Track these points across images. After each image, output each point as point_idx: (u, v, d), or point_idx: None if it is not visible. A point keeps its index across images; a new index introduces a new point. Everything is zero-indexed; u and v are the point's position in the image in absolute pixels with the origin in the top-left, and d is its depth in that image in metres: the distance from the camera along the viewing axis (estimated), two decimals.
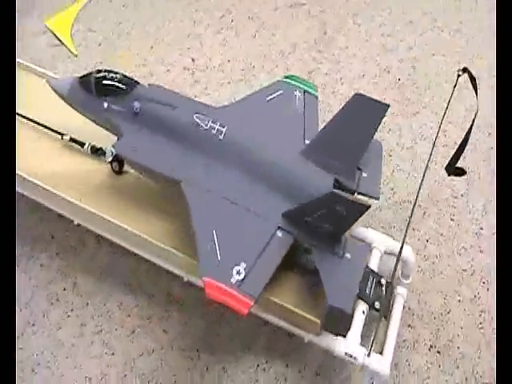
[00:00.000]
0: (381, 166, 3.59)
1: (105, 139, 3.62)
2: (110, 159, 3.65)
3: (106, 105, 3.36)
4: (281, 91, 3.67)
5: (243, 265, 2.95)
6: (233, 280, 2.90)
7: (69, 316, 3.78)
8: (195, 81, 4.87)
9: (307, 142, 3.47)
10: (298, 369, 3.59)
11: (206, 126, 3.30)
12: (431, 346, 3.69)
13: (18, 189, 3.67)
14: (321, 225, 3.12)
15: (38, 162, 3.70)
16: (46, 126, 3.81)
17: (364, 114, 3.30)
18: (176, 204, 3.39)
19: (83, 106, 3.42)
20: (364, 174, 3.45)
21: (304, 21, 5.33)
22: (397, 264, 3.11)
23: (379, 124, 3.36)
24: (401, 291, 3.57)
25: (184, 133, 3.30)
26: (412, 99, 4.90)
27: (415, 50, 5.24)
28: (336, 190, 3.08)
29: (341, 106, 3.38)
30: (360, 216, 3.03)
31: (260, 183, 3.25)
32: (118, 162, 3.65)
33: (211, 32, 5.21)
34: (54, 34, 5.02)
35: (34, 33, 5.02)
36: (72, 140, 3.76)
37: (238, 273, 2.94)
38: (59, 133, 3.78)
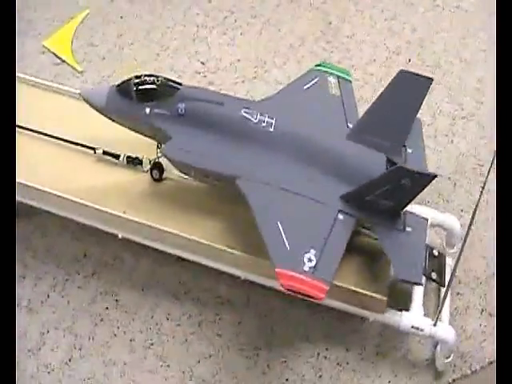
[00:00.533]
0: (423, 141, 3.65)
1: (136, 148, 3.68)
2: (148, 168, 3.65)
3: (148, 110, 3.35)
4: (316, 79, 3.75)
5: (313, 251, 3.05)
6: (306, 268, 3.00)
7: (115, 334, 3.75)
8: (209, 83, 4.84)
9: (350, 125, 3.54)
10: (357, 351, 3.68)
11: (256, 119, 3.35)
12: (482, 310, 3.81)
13: (49, 208, 3.68)
14: (382, 202, 3.21)
15: (72, 179, 3.66)
16: (77, 143, 3.75)
17: (409, 90, 3.38)
18: (224, 202, 3.50)
19: (123, 114, 3.40)
20: (409, 151, 3.51)
21: (307, 13, 5.34)
22: (466, 236, 3.21)
23: (424, 98, 3.42)
24: (448, 261, 3.64)
25: (234, 128, 3.33)
26: None
27: (420, 31, 5.33)
28: (402, 164, 3.18)
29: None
30: (425, 187, 3.10)
31: (314, 170, 3.32)
32: (158, 169, 3.64)
33: (217, 34, 5.18)
34: (54, 54, 4.96)
35: (32, 53, 4.96)
36: (106, 153, 3.70)
37: (310, 260, 3.03)
38: (91, 147, 3.72)
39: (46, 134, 3.78)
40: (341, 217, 3.24)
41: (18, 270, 3.90)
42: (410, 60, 5.13)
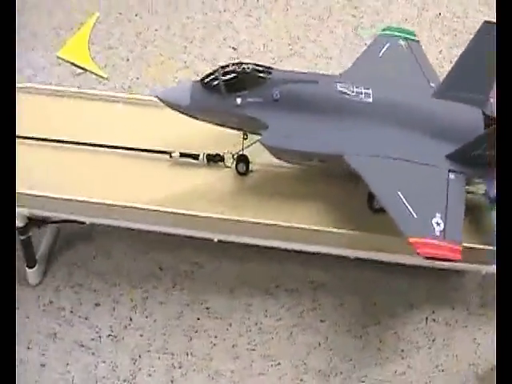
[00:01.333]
0: None
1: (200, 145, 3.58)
2: (231, 163, 3.54)
3: (239, 101, 3.24)
4: (387, 44, 3.78)
5: (438, 215, 3.08)
6: (436, 232, 3.02)
7: (215, 344, 3.62)
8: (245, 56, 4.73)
9: (432, 84, 3.59)
10: (463, 307, 3.74)
11: (352, 92, 3.32)
12: None
13: (130, 224, 3.50)
14: (490, 153, 3.19)
15: (149, 188, 3.49)
16: (150, 150, 3.58)
17: (492, 40, 3.31)
18: (316, 184, 3.48)
19: (211, 109, 3.28)
20: (491, 100, 3.50)
21: None
22: None
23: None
24: None
25: (332, 105, 3.31)
26: (458, 29, 5.09)
27: None
28: None
29: None
30: None
31: (416, 134, 3.34)
32: (244, 161, 3.53)
33: (241, 16, 5.05)
34: (73, 63, 4.75)
35: (46, 67, 4.77)
36: (183, 155, 3.54)
37: (438, 224, 3.05)
38: (166, 152, 3.55)
39: (108, 147, 3.59)
40: (452, 176, 3.25)
41: (90, 298, 3.75)
42: (440, 14, 5.19)
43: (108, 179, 3.49)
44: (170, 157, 3.54)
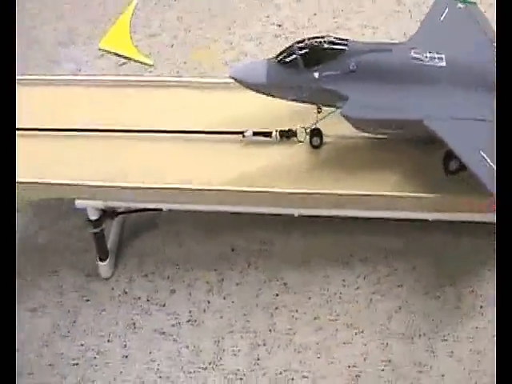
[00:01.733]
0: None
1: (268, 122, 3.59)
2: (303, 137, 3.56)
3: (317, 74, 3.27)
4: (447, 9, 3.76)
5: None
6: None
7: (296, 318, 3.63)
8: None
9: (494, 44, 3.53)
10: None
11: (426, 57, 3.35)
12: None
13: (210, 207, 3.56)
14: None
15: (222, 170, 3.51)
16: (222, 132, 3.61)
17: None
18: (391, 152, 3.50)
19: (288, 85, 3.31)
20: None
21: None
22: None
23: None
24: None
25: (408, 71, 3.33)
26: None
27: None
28: None
29: None
30: None
31: (488, 94, 3.33)
32: (318, 135, 3.56)
33: None
34: (116, 53, 4.75)
35: (89, 60, 4.79)
36: (256, 133, 3.57)
37: None
38: (238, 132, 3.57)
39: (179, 132, 3.63)
40: None
41: (164, 285, 3.78)
42: None
43: (181, 164, 3.52)
44: (243, 136, 3.55)
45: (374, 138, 3.46)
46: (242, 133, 3.56)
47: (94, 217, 3.58)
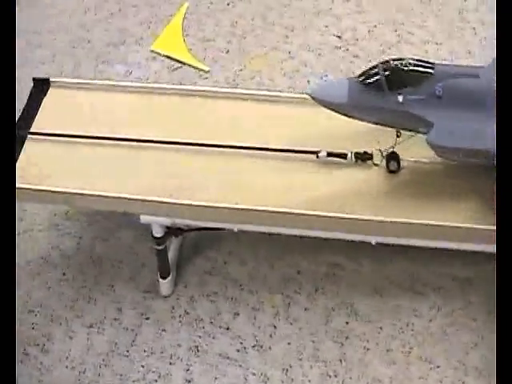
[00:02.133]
0: None
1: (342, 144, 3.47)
2: (380, 161, 3.44)
3: (401, 98, 3.13)
4: None
5: None
6: None
7: (368, 349, 3.53)
8: (354, 56, 4.64)
9: None
10: None
11: None
12: None
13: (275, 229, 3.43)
14: None
15: (294, 191, 3.39)
16: (296, 151, 3.49)
17: None
18: (470, 181, 3.36)
19: (369, 107, 3.18)
20: None
21: None
22: None
23: None
24: None
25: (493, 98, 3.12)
26: None
27: None
28: None
29: None
30: None
31: None
32: (395, 159, 3.43)
33: (339, 2, 4.94)
34: (169, 57, 4.62)
35: (141, 62, 4.68)
36: (331, 154, 3.45)
37: None
38: (312, 152, 3.45)
39: (248, 148, 3.50)
40: None
41: (228, 307, 3.67)
42: None
43: (250, 183, 3.39)
44: (317, 157, 3.43)
45: (453, 163, 3.35)
46: (315, 152, 3.43)
47: (158, 234, 3.45)
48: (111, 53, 4.76)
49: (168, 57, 4.66)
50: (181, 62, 4.62)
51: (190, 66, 4.60)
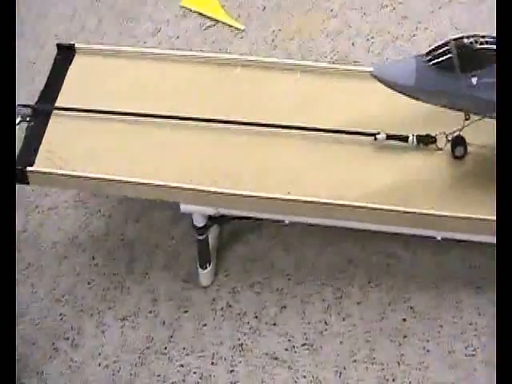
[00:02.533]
0: None
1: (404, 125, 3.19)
2: (444, 145, 3.17)
3: (474, 81, 2.84)
4: None
5: None
6: None
7: (428, 350, 3.28)
8: (402, 17, 4.31)
9: None
10: None
11: None
12: None
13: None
14: None
15: (347, 179, 3.10)
16: (352, 132, 3.19)
17: None
18: None
19: (440, 90, 2.89)
20: None
21: None
22: None
23: None
24: None
25: None
26: None
27: None
28: None
29: None
30: None
31: None
32: (462, 144, 3.15)
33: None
34: (201, 14, 4.25)
35: (171, 19, 4.32)
36: (390, 137, 3.15)
37: None
38: (370, 134, 3.15)
39: (299, 128, 3.20)
40: None
41: (274, 300, 3.42)
42: None
43: (300, 169, 3.12)
44: (375, 139, 3.14)
45: None
46: (373, 135, 3.14)
47: (200, 224, 3.17)
48: (136, 8, 4.37)
49: (199, 13, 4.26)
50: (213, 20, 4.22)
51: (223, 23, 4.19)
